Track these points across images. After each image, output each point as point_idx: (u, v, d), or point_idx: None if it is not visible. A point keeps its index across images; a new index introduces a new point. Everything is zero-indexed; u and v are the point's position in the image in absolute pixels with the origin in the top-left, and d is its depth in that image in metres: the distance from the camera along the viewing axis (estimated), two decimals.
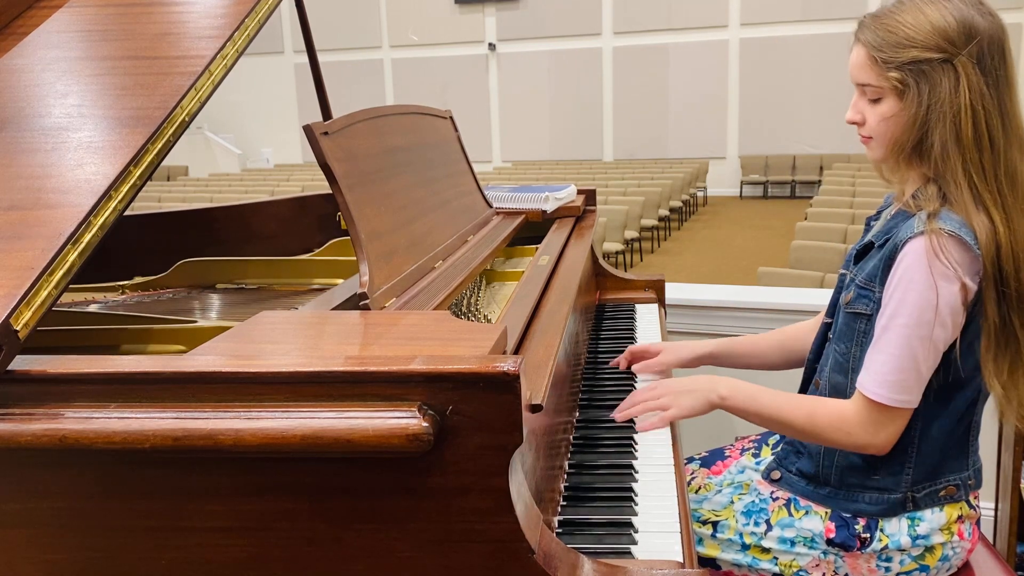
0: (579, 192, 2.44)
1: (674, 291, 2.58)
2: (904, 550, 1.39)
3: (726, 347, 1.75)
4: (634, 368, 1.75)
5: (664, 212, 10.87)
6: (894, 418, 1.30)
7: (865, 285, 1.36)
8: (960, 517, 1.40)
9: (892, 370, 1.27)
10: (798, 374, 1.59)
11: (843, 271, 1.46)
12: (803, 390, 1.55)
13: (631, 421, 1.52)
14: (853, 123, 1.37)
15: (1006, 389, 1.30)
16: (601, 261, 2.38)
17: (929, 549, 1.39)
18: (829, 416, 1.34)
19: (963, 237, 1.23)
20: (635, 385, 1.72)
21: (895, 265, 1.28)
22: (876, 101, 1.32)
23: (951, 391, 1.33)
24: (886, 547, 1.38)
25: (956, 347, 1.29)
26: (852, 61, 1.34)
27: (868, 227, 1.47)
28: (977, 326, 1.28)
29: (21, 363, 0.95)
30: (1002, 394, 1.29)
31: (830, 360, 1.45)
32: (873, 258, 1.36)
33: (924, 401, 1.32)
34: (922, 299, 1.24)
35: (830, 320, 1.48)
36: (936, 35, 1.24)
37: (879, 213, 1.47)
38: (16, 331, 0.94)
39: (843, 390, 1.41)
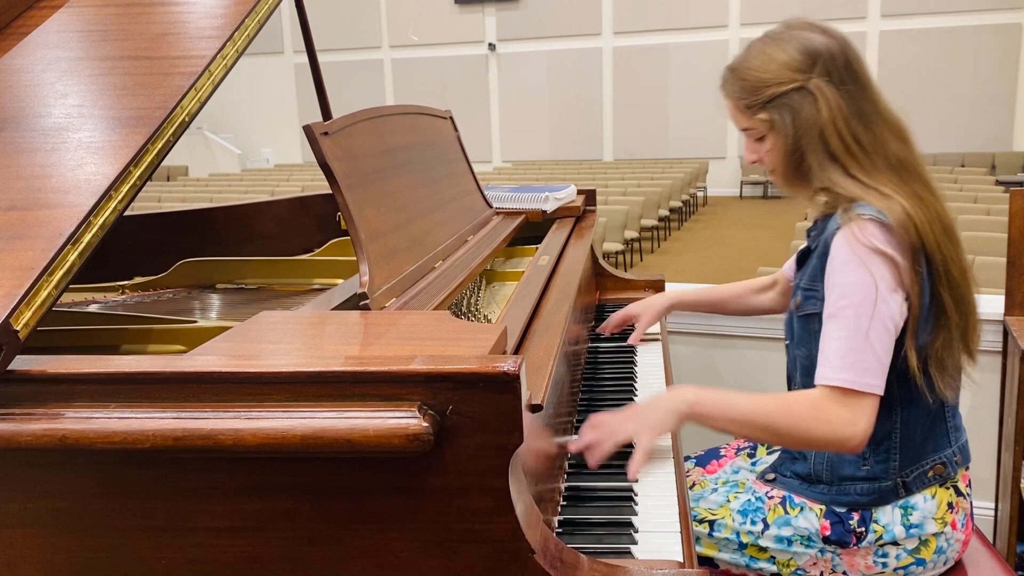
0: (579, 192, 2.44)
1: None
2: (899, 543, 1.40)
3: (689, 296, 1.98)
4: (630, 341, 1.92)
5: (664, 212, 10.86)
6: (864, 404, 1.27)
7: (809, 286, 1.41)
8: (952, 506, 1.42)
9: (847, 352, 1.27)
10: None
11: (792, 281, 1.52)
12: None
13: None
14: (754, 163, 1.47)
15: (943, 360, 1.34)
16: (601, 261, 2.38)
17: (924, 542, 1.41)
18: (806, 405, 1.29)
19: (882, 219, 1.29)
20: (635, 385, 1.72)
21: (828, 260, 1.34)
22: (761, 139, 1.43)
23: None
24: (881, 538, 1.39)
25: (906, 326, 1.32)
26: (728, 113, 1.46)
27: (809, 236, 1.52)
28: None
29: (21, 363, 0.95)
30: (916, 365, 1.32)
31: (798, 367, 1.48)
32: (812, 260, 1.42)
33: (897, 385, 1.35)
34: (858, 280, 1.28)
35: (789, 332, 1.52)
36: (784, 69, 1.36)
37: (815, 223, 1.51)
38: (16, 331, 0.94)
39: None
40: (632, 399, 1.63)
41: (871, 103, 1.37)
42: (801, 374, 1.47)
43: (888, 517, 1.40)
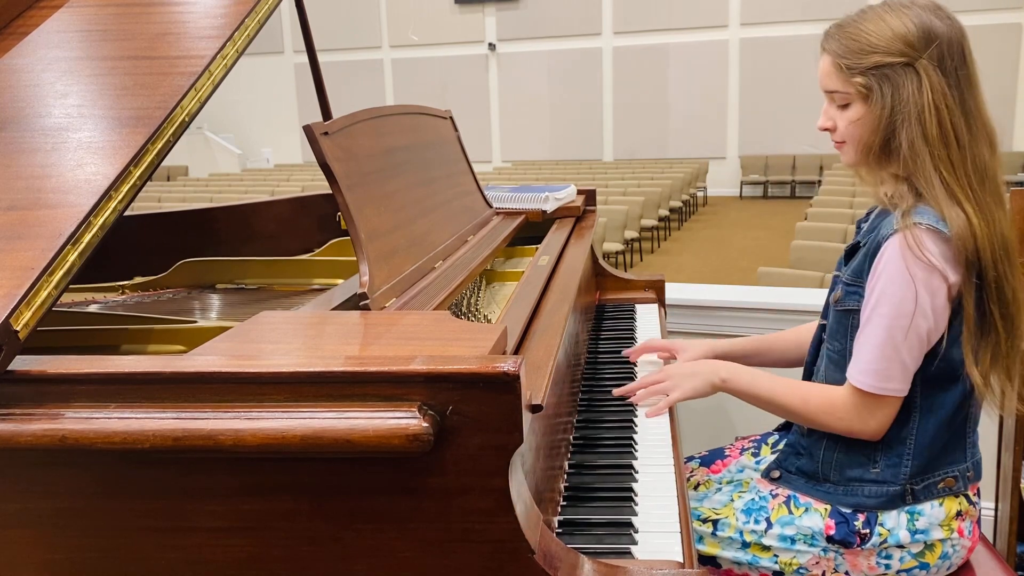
0: (579, 192, 2.44)
1: (674, 291, 2.58)
2: (904, 546, 1.39)
3: (746, 347, 1.76)
4: (632, 355, 1.82)
5: (664, 212, 10.86)
6: (882, 406, 1.34)
7: (852, 282, 1.40)
8: (960, 514, 1.41)
9: (875, 359, 1.32)
10: (798, 376, 1.60)
11: (835, 273, 1.49)
12: None
13: (631, 423, 1.53)
14: (825, 129, 1.42)
15: (985, 378, 1.33)
16: (601, 261, 2.38)
17: (929, 546, 1.40)
18: (821, 401, 1.40)
19: (939, 229, 1.27)
20: (636, 379, 1.71)
21: (876, 260, 1.33)
22: (845, 107, 1.38)
23: (946, 382, 1.35)
24: (885, 542, 1.39)
25: (943, 339, 1.31)
26: (820, 69, 1.40)
27: (859, 229, 1.50)
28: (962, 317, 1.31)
29: (21, 363, 0.95)
30: (981, 383, 1.32)
31: (825, 359, 1.48)
32: (859, 256, 1.40)
33: (920, 393, 1.35)
34: (900, 291, 1.28)
35: (825, 321, 1.51)
36: (897, 40, 1.31)
37: (868, 215, 1.49)
38: (16, 331, 0.94)
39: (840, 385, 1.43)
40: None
41: (975, 101, 1.33)
42: (827, 368, 1.47)
43: (894, 521, 1.39)
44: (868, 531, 1.39)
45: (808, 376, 1.56)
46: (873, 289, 1.33)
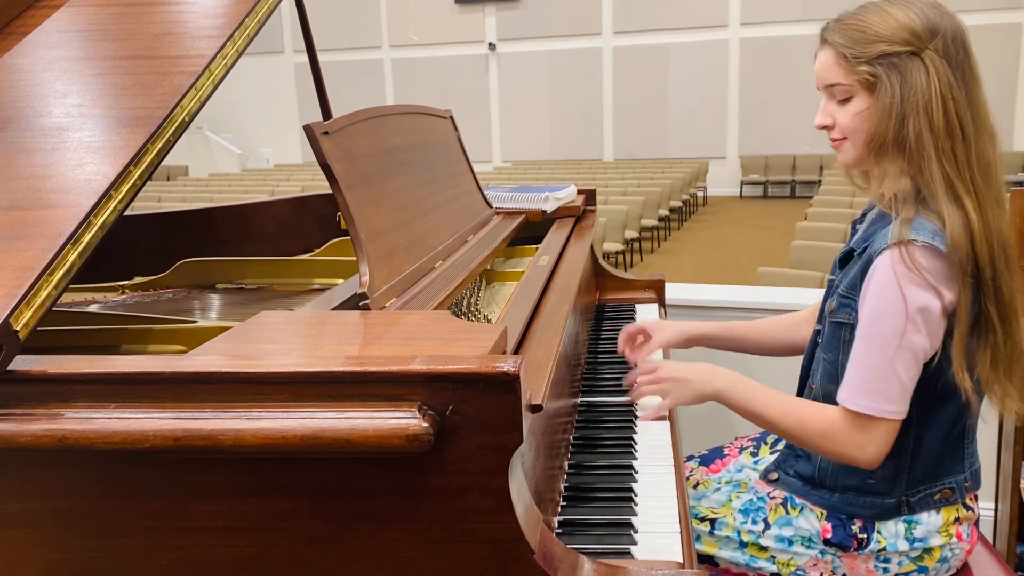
0: (579, 192, 2.44)
1: (674, 291, 2.58)
2: (902, 552, 1.39)
3: (721, 331, 1.77)
4: (628, 358, 1.75)
5: (664, 212, 10.86)
6: (880, 430, 1.28)
7: (847, 294, 1.37)
8: (957, 519, 1.40)
9: (870, 379, 1.27)
10: (795, 375, 1.59)
11: (831, 276, 1.47)
12: (800, 394, 1.55)
13: (631, 423, 1.53)
14: (823, 127, 1.39)
15: (989, 382, 1.30)
16: (601, 261, 2.38)
17: (928, 551, 1.39)
18: (818, 423, 1.34)
19: (935, 245, 1.23)
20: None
21: (868, 276, 1.29)
22: (846, 101, 1.34)
23: (944, 396, 1.32)
24: (884, 549, 1.38)
25: (937, 355, 1.27)
26: (820, 63, 1.37)
27: (854, 231, 1.47)
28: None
29: (21, 363, 0.95)
30: (970, 388, 1.27)
31: (820, 368, 1.46)
32: (854, 266, 1.36)
33: (916, 407, 1.31)
34: (893, 308, 1.24)
35: (820, 327, 1.48)
36: (902, 30, 1.28)
37: (864, 216, 1.47)
38: (16, 331, 0.94)
39: (835, 397, 1.40)
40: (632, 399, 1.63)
41: (978, 96, 1.30)
42: (822, 376, 1.43)
43: (891, 530, 1.38)
44: (865, 536, 1.38)
45: (804, 380, 1.54)
46: (865, 308, 1.29)
